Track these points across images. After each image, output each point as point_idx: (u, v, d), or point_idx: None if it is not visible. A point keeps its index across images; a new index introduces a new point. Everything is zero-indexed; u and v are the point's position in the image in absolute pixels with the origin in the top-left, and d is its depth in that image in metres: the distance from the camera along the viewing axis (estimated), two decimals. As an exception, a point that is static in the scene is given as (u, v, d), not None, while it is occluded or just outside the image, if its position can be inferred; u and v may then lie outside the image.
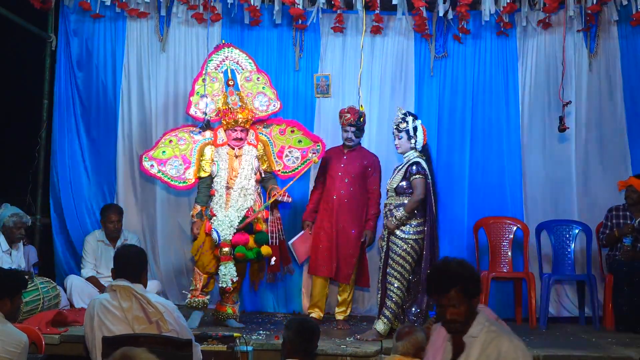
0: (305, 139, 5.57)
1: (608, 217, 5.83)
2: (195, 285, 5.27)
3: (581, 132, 6.31)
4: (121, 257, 3.55)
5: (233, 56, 5.66)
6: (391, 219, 4.94)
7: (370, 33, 6.23)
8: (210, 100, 5.43)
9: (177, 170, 5.34)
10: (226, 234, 5.08)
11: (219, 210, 5.18)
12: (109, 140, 6.39)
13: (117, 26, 6.41)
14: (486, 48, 6.41)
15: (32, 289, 4.87)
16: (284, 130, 5.59)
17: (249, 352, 4.06)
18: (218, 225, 5.11)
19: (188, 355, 3.24)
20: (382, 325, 4.91)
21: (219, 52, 5.65)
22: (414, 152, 5.06)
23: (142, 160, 5.39)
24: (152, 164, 5.36)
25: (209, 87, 5.50)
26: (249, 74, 5.63)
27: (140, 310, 3.35)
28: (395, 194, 5.02)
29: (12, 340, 3.35)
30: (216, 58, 5.62)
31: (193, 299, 5.25)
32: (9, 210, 5.29)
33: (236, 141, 5.33)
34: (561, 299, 6.22)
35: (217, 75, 5.57)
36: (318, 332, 3.26)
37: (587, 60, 6.32)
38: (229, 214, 5.14)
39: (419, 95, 6.37)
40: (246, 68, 5.66)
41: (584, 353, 4.59)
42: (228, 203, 5.20)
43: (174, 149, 5.40)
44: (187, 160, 5.38)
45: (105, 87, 6.40)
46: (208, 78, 5.50)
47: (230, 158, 5.32)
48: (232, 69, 5.60)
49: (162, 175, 5.36)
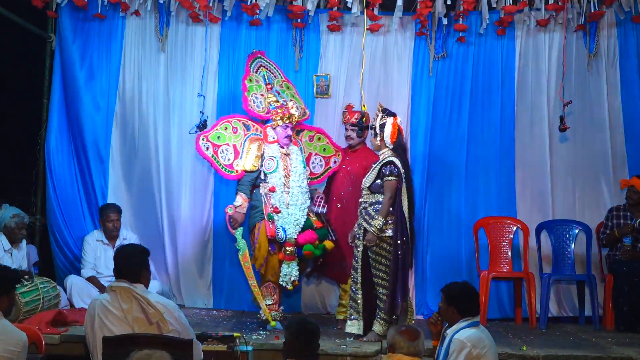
0: (329, 147, 5.69)
1: (608, 217, 5.84)
2: (273, 298, 5.23)
3: (581, 132, 6.31)
4: (120, 257, 3.54)
5: (265, 64, 5.68)
6: (372, 229, 4.83)
7: (369, 33, 6.22)
8: (261, 98, 5.45)
9: (227, 159, 5.34)
10: (292, 232, 5.08)
11: (283, 208, 5.16)
12: (106, 140, 6.37)
13: (116, 26, 6.39)
14: (485, 48, 6.41)
15: (32, 289, 4.88)
16: (312, 137, 5.67)
17: (249, 352, 4.06)
18: (284, 223, 5.10)
19: (188, 355, 3.25)
20: (379, 327, 4.89)
21: (255, 59, 5.66)
22: (388, 150, 5.02)
23: (199, 139, 5.35)
24: (207, 146, 5.33)
25: (256, 87, 5.50)
26: (281, 82, 5.69)
27: (141, 312, 3.35)
28: (370, 192, 4.98)
29: (12, 339, 3.34)
30: (254, 62, 5.64)
31: (272, 312, 5.20)
32: (9, 211, 5.30)
33: (287, 139, 5.31)
34: (561, 299, 6.22)
35: (259, 78, 5.58)
36: (317, 333, 3.25)
37: (587, 60, 6.32)
38: (294, 213, 5.13)
39: (417, 95, 6.36)
40: (277, 76, 5.69)
41: (584, 353, 4.59)
42: (287, 201, 5.18)
43: (227, 136, 5.39)
44: (237, 151, 5.37)
45: (103, 86, 6.39)
46: (253, 78, 5.52)
47: (282, 157, 5.31)
48: (267, 76, 5.63)
49: (214, 160, 5.34)
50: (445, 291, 3.75)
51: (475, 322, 3.67)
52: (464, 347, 3.51)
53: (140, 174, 6.37)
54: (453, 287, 3.74)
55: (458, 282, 3.84)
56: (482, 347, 3.53)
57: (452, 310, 3.68)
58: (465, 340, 3.53)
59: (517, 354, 4.54)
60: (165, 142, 6.37)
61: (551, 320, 5.89)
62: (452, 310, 3.68)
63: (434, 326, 3.88)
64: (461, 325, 3.63)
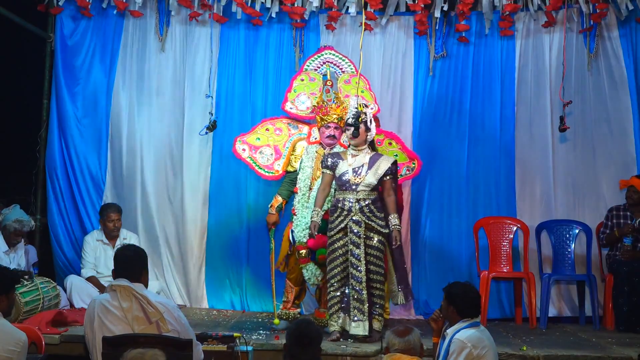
0: (402, 154, 5.57)
1: (608, 217, 5.83)
2: (287, 297, 5.28)
3: (581, 132, 6.30)
4: (120, 257, 3.55)
5: (333, 59, 5.61)
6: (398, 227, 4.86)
7: (369, 33, 6.22)
8: (307, 98, 5.44)
9: (266, 159, 5.39)
10: (301, 236, 5.07)
11: (300, 209, 5.15)
12: (103, 140, 6.37)
13: (116, 25, 6.39)
14: (486, 47, 6.41)
15: (32, 289, 4.88)
16: (381, 141, 5.55)
17: (249, 352, 4.06)
18: (296, 226, 5.11)
19: (188, 355, 3.24)
20: (378, 323, 4.90)
21: (321, 54, 5.61)
22: (368, 147, 4.98)
23: (236, 142, 5.44)
24: (244, 148, 5.42)
25: (307, 86, 5.49)
26: (349, 77, 5.57)
27: (140, 311, 3.35)
28: (370, 190, 4.90)
29: (12, 339, 3.34)
30: (317, 59, 5.60)
31: (284, 310, 5.26)
32: (14, 214, 5.32)
33: (329, 139, 5.22)
34: (561, 299, 6.22)
35: (316, 76, 5.54)
36: (317, 338, 3.18)
37: (587, 60, 6.32)
38: (307, 215, 5.08)
39: (417, 95, 6.36)
40: (346, 71, 5.60)
41: (584, 353, 4.58)
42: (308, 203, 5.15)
43: (268, 138, 5.44)
44: (279, 152, 5.41)
45: (102, 87, 6.38)
46: (307, 77, 5.51)
47: (318, 157, 5.23)
48: (332, 71, 5.55)
49: (252, 161, 5.41)
50: (447, 291, 3.74)
51: (475, 322, 3.66)
52: (464, 347, 3.51)
53: (140, 174, 6.36)
54: (454, 287, 3.73)
55: (460, 282, 3.82)
56: (483, 348, 3.53)
57: (452, 310, 3.68)
58: (465, 340, 3.53)
59: (517, 354, 4.53)
60: (165, 141, 6.37)
61: (551, 320, 5.88)
62: (452, 310, 3.68)
63: (434, 323, 3.87)
64: (461, 325, 3.63)
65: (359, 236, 4.83)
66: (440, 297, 3.82)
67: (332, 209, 4.93)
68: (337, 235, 4.86)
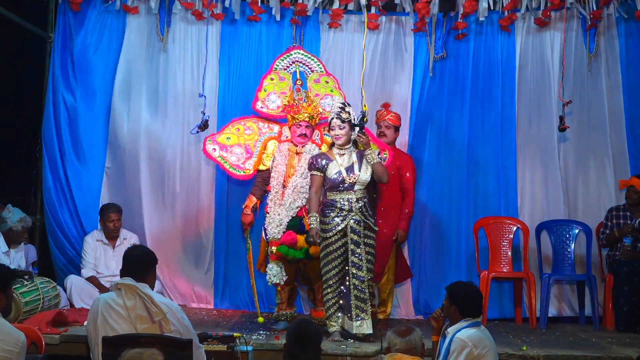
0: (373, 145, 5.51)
1: (608, 217, 5.83)
2: (280, 298, 5.28)
3: (581, 132, 6.31)
4: (129, 256, 3.56)
5: (302, 59, 5.62)
6: None
7: (370, 32, 6.22)
8: (277, 97, 5.45)
9: (237, 159, 5.38)
10: (274, 232, 5.06)
11: (272, 208, 5.14)
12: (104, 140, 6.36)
13: (116, 25, 6.38)
14: (486, 47, 6.41)
15: (32, 289, 4.88)
16: None
17: (249, 352, 4.06)
18: (269, 223, 5.10)
19: (188, 355, 3.24)
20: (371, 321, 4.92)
21: (290, 54, 5.62)
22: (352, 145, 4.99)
23: (205, 142, 5.44)
24: (214, 148, 5.41)
25: (277, 85, 5.50)
26: (318, 76, 5.59)
27: (144, 310, 3.35)
28: (364, 188, 4.93)
29: (10, 339, 3.34)
30: (286, 59, 5.61)
31: (280, 312, 5.26)
32: (16, 215, 5.36)
33: (300, 137, 5.23)
34: (561, 299, 6.22)
35: (286, 75, 5.55)
36: (317, 338, 3.17)
37: (587, 60, 6.32)
38: (280, 212, 5.09)
39: (417, 95, 6.35)
40: (315, 70, 5.61)
41: (584, 353, 4.59)
42: (280, 201, 5.15)
43: (239, 137, 5.43)
44: (250, 151, 5.40)
45: (103, 86, 6.38)
46: (276, 76, 5.52)
47: (291, 155, 5.26)
48: (302, 71, 5.57)
49: (222, 161, 5.40)
50: (449, 290, 3.75)
51: (476, 322, 3.67)
52: (465, 346, 3.52)
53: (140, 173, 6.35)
54: (457, 287, 3.74)
55: (463, 281, 3.83)
56: (483, 347, 3.54)
57: (454, 309, 3.68)
58: (466, 339, 3.53)
59: (517, 354, 4.54)
60: (164, 141, 6.37)
61: (551, 320, 5.88)
62: (454, 309, 3.68)
63: (435, 321, 3.87)
64: (462, 324, 3.64)
65: (360, 235, 4.84)
66: (440, 297, 3.83)
67: (327, 209, 4.90)
68: (336, 236, 4.85)
